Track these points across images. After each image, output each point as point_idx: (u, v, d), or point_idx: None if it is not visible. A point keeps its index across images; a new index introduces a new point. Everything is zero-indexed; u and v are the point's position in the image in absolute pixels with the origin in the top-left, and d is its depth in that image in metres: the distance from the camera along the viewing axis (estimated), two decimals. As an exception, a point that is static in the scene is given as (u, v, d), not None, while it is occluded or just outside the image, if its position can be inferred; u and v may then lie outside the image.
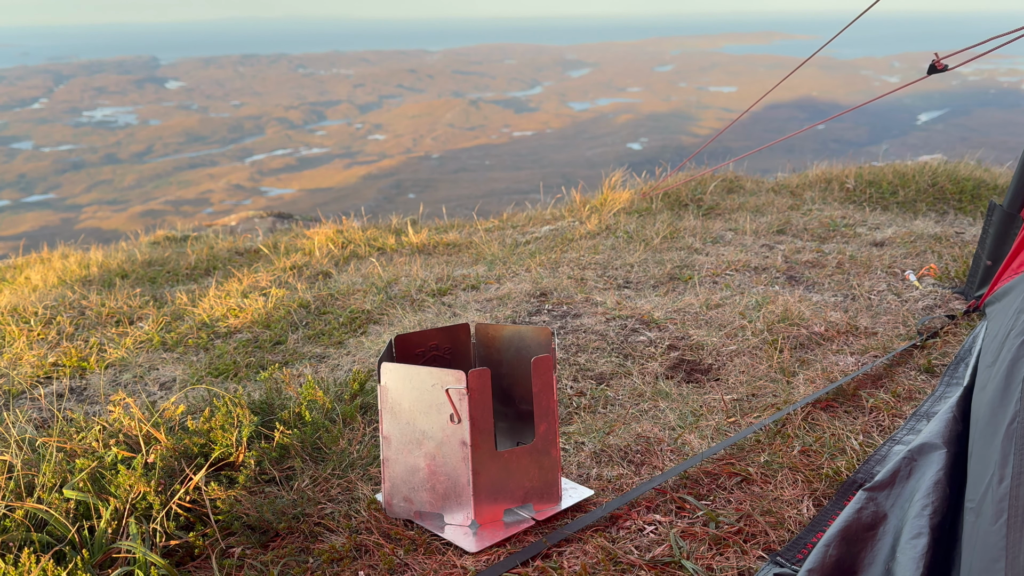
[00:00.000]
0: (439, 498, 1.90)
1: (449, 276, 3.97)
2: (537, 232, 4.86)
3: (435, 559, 1.79)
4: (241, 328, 3.47)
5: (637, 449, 2.24)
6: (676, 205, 5.23)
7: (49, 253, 5.85)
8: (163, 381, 3.02)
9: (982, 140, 34.10)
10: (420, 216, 5.88)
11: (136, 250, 5.47)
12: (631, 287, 3.70)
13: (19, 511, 1.79)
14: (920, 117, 67.70)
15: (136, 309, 3.86)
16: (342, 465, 2.17)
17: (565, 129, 71.33)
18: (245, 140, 72.50)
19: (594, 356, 2.89)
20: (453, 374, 1.83)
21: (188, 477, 1.96)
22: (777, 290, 3.54)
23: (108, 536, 1.77)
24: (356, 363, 3.00)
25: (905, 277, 3.66)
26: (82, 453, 2.07)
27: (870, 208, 5.12)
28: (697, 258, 4.08)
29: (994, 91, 78.53)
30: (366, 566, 1.77)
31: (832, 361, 2.78)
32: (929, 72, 3.48)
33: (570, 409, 2.51)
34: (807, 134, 41.62)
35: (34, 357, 3.26)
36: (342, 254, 4.70)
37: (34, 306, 3.87)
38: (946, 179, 5.52)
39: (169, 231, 6.36)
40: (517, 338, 2.13)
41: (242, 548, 1.85)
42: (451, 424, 1.84)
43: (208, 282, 4.36)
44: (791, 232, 4.55)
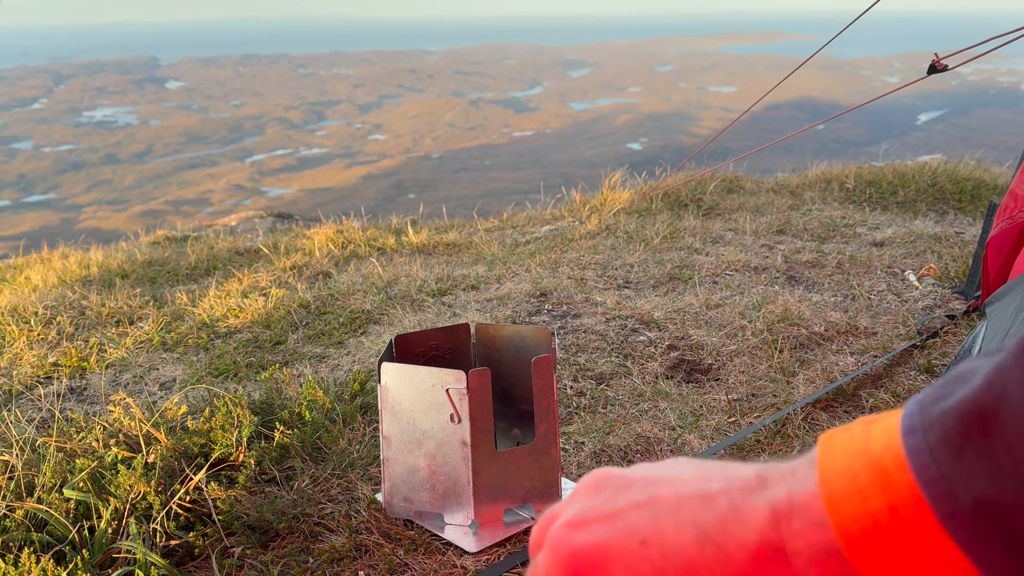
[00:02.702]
0: (439, 498, 1.90)
1: (449, 276, 3.97)
2: (537, 232, 4.86)
3: (435, 559, 1.79)
4: (241, 328, 3.48)
5: (637, 449, 2.24)
6: (676, 205, 5.23)
7: (49, 253, 5.85)
8: (163, 381, 3.02)
9: (982, 140, 34.11)
10: (420, 216, 5.88)
11: (136, 250, 5.47)
12: (631, 287, 3.70)
13: (19, 511, 1.79)
14: (920, 117, 67.74)
15: (136, 309, 3.86)
16: (342, 465, 2.17)
17: (565, 129, 71.36)
18: (245, 140, 72.54)
19: (594, 356, 2.89)
20: (453, 374, 1.83)
21: (188, 477, 1.96)
22: (777, 290, 3.54)
23: (108, 536, 1.77)
24: (356, 363, 3.00)
25: (905, 277, 3.66)
26: (82, 453, 2.07)
27: (870, 208, 5.12)
28: (697, 258, 4.09)
29: (994, 91, 78.57)
30: (366, 566, 1.78)
31: (832, 361, 2.78)
32: (929, 72, 3.48)
33: (570, 409, 2.51)
34: (807, 134, 41.59)
35: (34, 357, 3.26)
36: (342, 254, 4.70)
37: (34, 306, 3.87)
38: (946, 179, 5.53)
39: (169, 231, 6.36)
40: (517, 338, 2.13)
41: (242, 548, 1.85)
42: (451, 424, 1.84)
43: (208, 282, 4.36)
44: (791, 232, 4.55)
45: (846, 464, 0.47)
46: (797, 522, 0.48)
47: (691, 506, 0.51)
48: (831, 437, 0.50)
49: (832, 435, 0.50)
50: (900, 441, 0.46)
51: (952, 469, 0.43)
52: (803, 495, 0.48)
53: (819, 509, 0.47)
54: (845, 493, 0.46)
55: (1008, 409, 0.42)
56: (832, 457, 0.48)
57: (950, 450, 0.44)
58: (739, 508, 0.50)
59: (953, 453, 0.43)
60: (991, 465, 0.42)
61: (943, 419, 0.45)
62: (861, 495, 0.45)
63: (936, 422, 0.45)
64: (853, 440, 0.48)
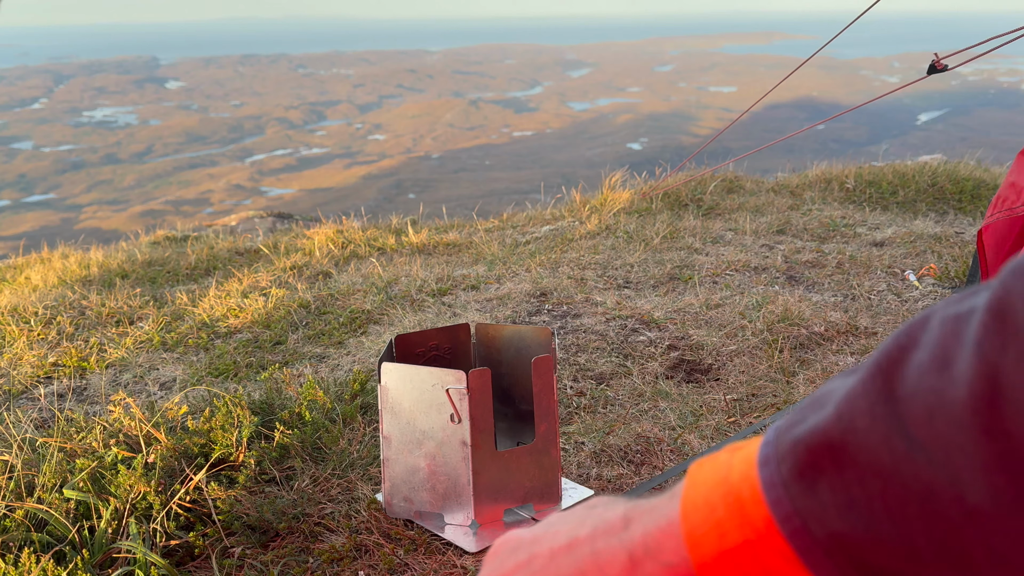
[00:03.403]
0: (439, 498, 1.90)
1: (449, 276, 3.97)
2: (537, 232, 4.86)
3: (435, 559, 1.79)
4: (241, 328, 3.48)
5: (637, 449, 2.24)
6: (676, 205, 5.23)
7: (49, 253, 5.85)
8: (163, 381, 3.02)
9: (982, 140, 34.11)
10: (420, 216, 5.88)
11: (136, 250, 5.47)
12: (631, 287, 3.70)
13: (19, 511, 1.79)
14: (920, 117, 67.75)
15: (136, 309, 3.86)
16: (342, 465, 2.17)
17: (565, 129, 71.36)
18: (245, 140, 72.54)
19: (594, 356, 2.89)
20: (453, 374, 1.83)
21: (188, 477, 1.96)
22: (777, 290, 3.54)
23: (108, 536, 1.77)
24: (356, 363, 3.00)
25: (905, 277, 3.66)
26: (82, 453, 2.07)
27: (870, 208, 5.12)
28: (697, 258, 4.09)
29: (994, 91, 78.59)
30: (366, 566, 1.78)
31: (832, 361, 2.78)
32: (929, 72, 3.48)
33: (570, 409, 2.51)
34: (807, 134, 41.65)
35: (34, 357, 3.26)
36: (342, 254, 4.70)
37: (34, 306, 3.87)
38: (946, 179, 5.53)
39: (169, 231, 6.36)
40: (517, 338, 2.13)
41: (242, 548, 1.85)
42: (451, 424, 1.84)
43: (208, 282, 4.36)
44: (791, 232, 4.55)
45: (706, 497, 0.46)
46: (650, 565, 0.47)
47: (559, 559, 0.52)
48: (700, 467, 0.49)
49: (701, 464, 0.49)
50: (756, 472, 0.45)
51: (805, 503, 0.42)
52: (657, 535, 0.47)
53: (674, 548, 0.46)
54: (704, 528, 0.45)
55: (856, 442, 0.41)
56: (695, 489, 0.47)
57: (802, 483, 0.42)
58: (599, 555, 0.49)
59: (805, 486, 0.42)
60: (843, 499, 0.41)
61: (795, 449, 0.43)
62: (719, 530, 0.44)
63: (788, 453, 0.44)
64: (716, 470, 0.47)
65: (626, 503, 0.52)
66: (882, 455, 0.40)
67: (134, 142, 70.67)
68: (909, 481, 0.39)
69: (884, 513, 0.40)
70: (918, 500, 0.39)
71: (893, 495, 0.39)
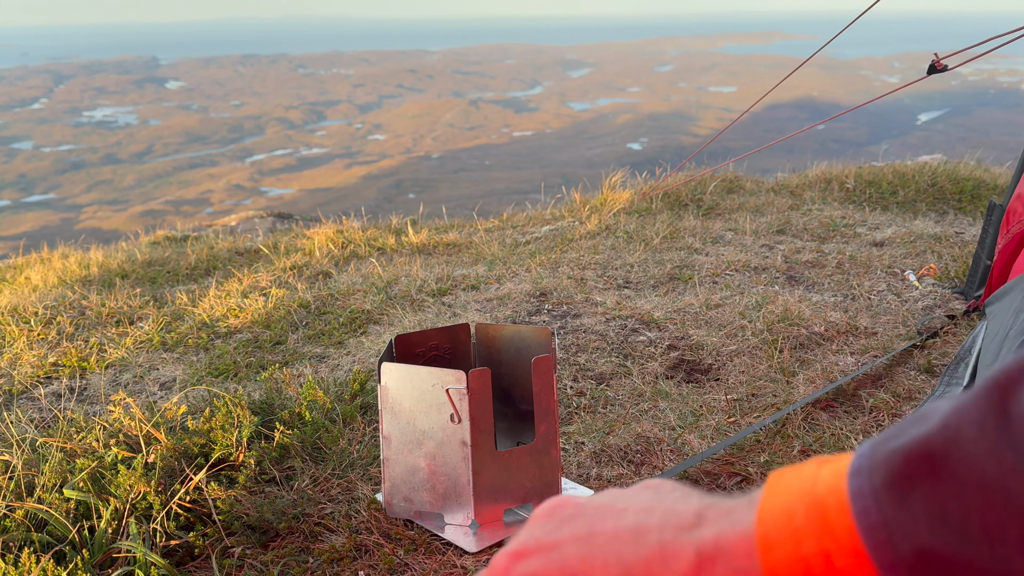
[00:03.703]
0: (439, 498, 1.90)
1: (449, 276, 3.97)
2: (537, 232, 4.86)
3: (435, 559, 1.79)
4: (241, 328, 3.48)
5: (637, 449, 2.24)
6: (676, 205, 5.23)
7: (49, 253, 5.85)
8: (163, 381, 3.02)
9: (982, 140, 34.13)
10: (420, 216, 5.88)
11: (136, 250, 5.47)
12: (631, 287, 3.70)
13: (19, 511, 1.79)
14: (920, 117, 67.76)
15: (136, 309, 3.86)
16: (342, 465, 2.17)
17: (565, 129, 71.36)
18: (245, 140, 72.54)
19: (594, 356, 2.89)
20: (453, 374, 1.83)
21: (188, 477, 1.96)
22: (777, 290, 3.54)
23: (108, 536, 1.77)
24: (356, 363, 3.00)
25: (905, 277, 3.66)
26: (82, 453, 2.07)
27: (870, 208, 5.12)
28: (697, 258, 4.09)
29: (994, 91, 78.59)
30: (366, 566, 1.78)
31: (832, 361, 2.78)
32: (929, 72, 3.48)
33: (570, 409, 2.51)
34: (807, 134, 41.63)
35: (34, 357, 3.26)
36: (342, 254, 4.70)
37: (34, 306, 3.87)
38: (946, 179, 5.53)
39: (169, 231, 6.36)
40: (517, 338, 2.13)
41: (242, 548, 1.85)
42: (451, 424, 1.84)
43: (208, 282, 4.36)
44: (791, 232, 4.55)
45: (786, 505, 0.44)
46: (719, 567, 0.46)
47: (623, 542, 0.50)
48: (780, 476, 0.47)
49: (782, 473, 0.47)
50: (845, 482, 0.43)
51: (895, 514, 0.40)
52: (732, 538, 0.46)
53: (745, 554, 0.45)
54: (779, 535, 0.43)
55: (960, 452, 0.39)
56: (774, 497, 0.45)
57: (894, 493, 0.40)
58: (666, 548, 0.48)
59: (897, 496, 0.40)
60: (936, 512, 0.39)
61: (890, 459, 0.41)
62: (795, 538, 0.43)
63: (883, 463, 0.42)
64: (801, 480, 0.45)
65: (699, 498, 0.51)
66: (988, 468, 0.38)
67: (134, 142, 70.67)
68: (1014, 497, 0.37)
69: (981, 530, 0.38)
70: (1022, 519, 0.37)
71: (994, 512, 0.37)
